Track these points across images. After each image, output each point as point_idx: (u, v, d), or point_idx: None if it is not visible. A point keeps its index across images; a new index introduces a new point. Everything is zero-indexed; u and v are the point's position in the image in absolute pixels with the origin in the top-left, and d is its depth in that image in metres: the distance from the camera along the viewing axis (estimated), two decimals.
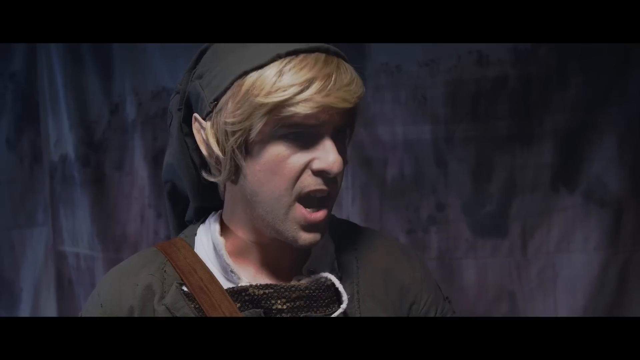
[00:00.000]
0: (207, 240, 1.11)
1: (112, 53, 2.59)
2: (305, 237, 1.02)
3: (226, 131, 0.98)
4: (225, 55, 1.01)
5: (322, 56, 0.97)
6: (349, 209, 2.31)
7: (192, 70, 1.06)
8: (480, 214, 2.24)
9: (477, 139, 2.22)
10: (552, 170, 2.18)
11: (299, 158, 0.99)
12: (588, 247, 2.15)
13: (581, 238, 2.16)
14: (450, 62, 2.22)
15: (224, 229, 1.10)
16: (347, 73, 0.98)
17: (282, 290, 1.05)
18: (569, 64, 2.13)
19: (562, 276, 2.18)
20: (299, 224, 1.01)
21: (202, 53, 1.06)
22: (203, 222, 1.14)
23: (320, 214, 1.02)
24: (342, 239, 1.16)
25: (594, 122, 2.12)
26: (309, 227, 1.02)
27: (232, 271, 1.07)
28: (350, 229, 1.20)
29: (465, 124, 2.23)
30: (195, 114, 1.03)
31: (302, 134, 0.98)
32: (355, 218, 2.30)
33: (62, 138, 2.70)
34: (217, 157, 1.02)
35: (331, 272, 1.09)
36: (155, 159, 2.53)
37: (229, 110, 0.97)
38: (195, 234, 1.13)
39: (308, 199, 1.01)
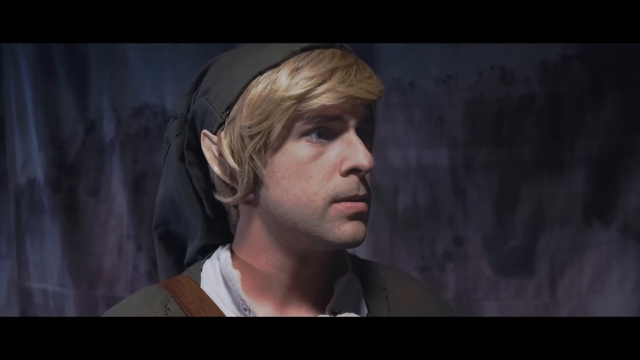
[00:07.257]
0: (214, 276, 1.07)
1: (88, 64, 2.54)
2: (350, 229, 0.97)
3: (243, 137, 0.97)
4: (233, 63, 1.01)
5: (338, 51, 0.98)
6: None
7: (194, 92, 1.05)
8: (503, 250, 2.19)
9: (500, 165, 2.18)
10: (585, 201, 2.13)
11: (326, 159, 0.97)
12: (625, 288, 2.12)
13: (617, 278, 2.12)
14: (470, 79, 2.17)
15: (236, 262, 1.05)
16: (366, 68, 0.99)
17: None
18: (604, 81, 2.09)
19: None
20: (339, 219, 0.97)
21: (204, 72, 1.05)
22: (209, 256, 1.10)
23: (361, 204, 0.98)
24: (368, 278, 1.12)
25: (632, 147, 2.08)
26: (352, 216, 0.98)
27: (246, 309, 1.02)
28: (375, 267, 1.16)
29: (486, 149, 2.18)
30: (205, 130, 1.01)
31: (325, 131, 0.97)
32: (362, 253, 2.18)
33: (30, 159, 2.64)
34: (232, 173, 1.00)
35: (359, 313, 1.05)
36: (136, 184, 2.49)
37: (245, 114, 0.97)
38: (201, 270, 1.08)
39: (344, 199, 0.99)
